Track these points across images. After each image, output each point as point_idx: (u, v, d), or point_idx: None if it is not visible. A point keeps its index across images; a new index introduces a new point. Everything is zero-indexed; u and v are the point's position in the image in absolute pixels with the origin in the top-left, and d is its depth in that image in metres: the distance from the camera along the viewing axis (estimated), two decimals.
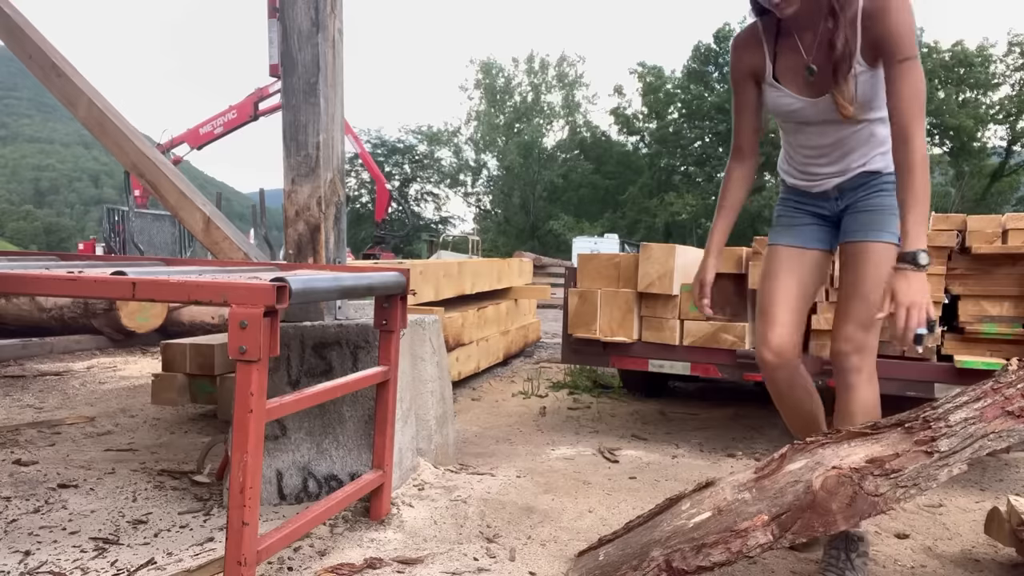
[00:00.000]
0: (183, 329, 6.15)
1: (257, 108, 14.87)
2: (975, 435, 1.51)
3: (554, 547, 2.09)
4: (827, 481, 1.53)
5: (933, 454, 1.50)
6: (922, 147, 1.71)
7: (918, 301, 1.61)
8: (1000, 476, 2.95)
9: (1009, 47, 33.68)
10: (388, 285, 2.11)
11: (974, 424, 1.52)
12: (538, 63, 45.22)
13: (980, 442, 1.50)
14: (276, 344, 1.57)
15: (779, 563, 2.02)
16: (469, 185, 46.66)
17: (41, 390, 4.41)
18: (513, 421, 3.80)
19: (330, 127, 2.51)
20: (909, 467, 1.51)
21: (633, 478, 2.77)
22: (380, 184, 21.35)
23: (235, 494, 1.55)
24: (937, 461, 1.50)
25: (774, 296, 2.06)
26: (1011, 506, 1.96)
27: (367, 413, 2.33)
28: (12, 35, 2.76)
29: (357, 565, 1.91)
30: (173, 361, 3.43)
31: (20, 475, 2.67)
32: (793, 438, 1.90)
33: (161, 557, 1.97)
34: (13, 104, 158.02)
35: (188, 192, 2.70)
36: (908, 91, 1.74)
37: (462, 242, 29.33)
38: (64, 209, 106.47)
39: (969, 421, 1.52)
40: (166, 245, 12.53)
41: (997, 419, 1.51)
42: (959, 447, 1.50)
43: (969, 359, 2.75)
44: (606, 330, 3.37)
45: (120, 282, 1.67)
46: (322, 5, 2.45)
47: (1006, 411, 1.51)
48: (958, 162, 34.68)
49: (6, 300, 6.30)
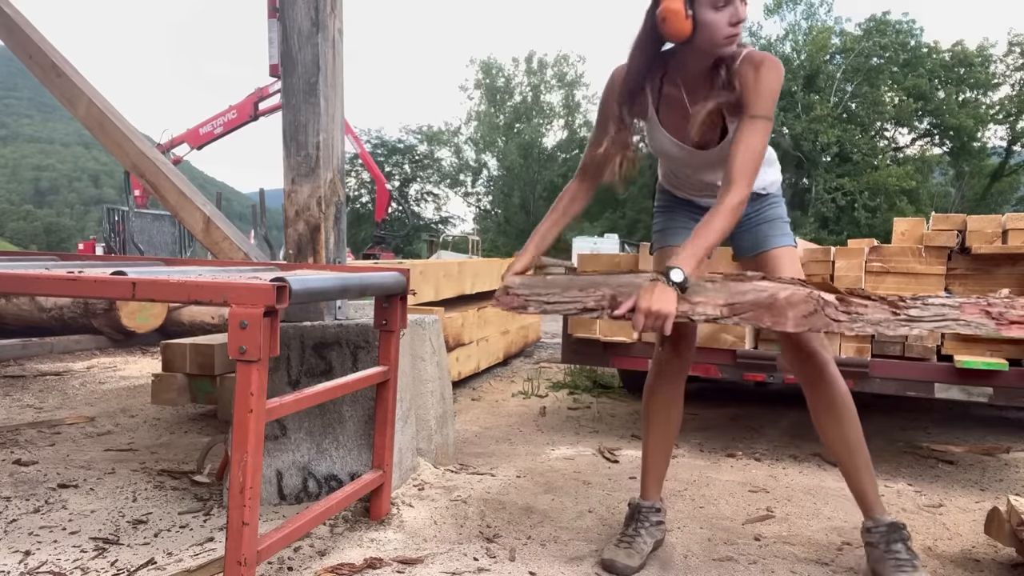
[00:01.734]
0: (183, 329, 6.15)
1: (257, 108, 14.86)
2: (946, 315, 1.61)
3: (554, 547, 2.09)
4: (794, 295, 1.66)
5: (900, 314, 1.62)
6: (739, 198, 1.75)
7: (655, 309, 1.65)
8: (1000, 476, 2.95)
9: (1009, 47, 33.69)
10: (388, 285, 2.11)
11: (949, 309, 1.62)
12: (536, 63, 45.22)
13: (947, 321, 1.61)
14: (276, 344, 1.57)
15: (779, 563, 2.02)
16: (469, 185, 46.65)
17: (41, 390, 4.41)
18: (513, 421, 3.80)
19: (330, 127, 2.51)
20: (873, 315, 1.63)
21: (633, 478, 2.77)
22: (380, 184, 21.34)
23: (235, 494, 1.55)
24: (901, 319, 1.62)
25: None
26: (1011, 506, 1.96)
27: (367, 413, 2.33)
28: (12, 35, 2.76)
29: (357, 565, 1.91)
30: (173, 361, 3.43)
31: (20, 475, 2.67)
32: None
33: (161, 557, 1.97)
34: (13, 104, 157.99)
35: (188, 192, 2.70)
36: (750, 145, 1.77)
37: (462, 242, 29.33)
38: (64, 209, 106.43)
39: (946, 307, 1.62)
40: (166, 245, 12.52)
41: (974, 314, 1.60)
42: (927, 318, 1.62)
43: (969, 359, 2.75)
44: (606, 330, 3.37)
45: (120, 282, 1.67)
46: (322, 5, 2.45)
47: (984, 311, 1.60)
48: (958, 162, 34.67)
49: (6, 300, 6.30)
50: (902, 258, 2.90)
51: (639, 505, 2.11)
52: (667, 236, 2.17)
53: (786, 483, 2.77)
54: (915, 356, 2.84)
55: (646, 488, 2.15)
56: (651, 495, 2.14)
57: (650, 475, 2.16)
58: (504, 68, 45.65)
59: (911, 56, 33.78)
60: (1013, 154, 35.28)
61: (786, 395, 4.37)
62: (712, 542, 2.16)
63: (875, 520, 1.92)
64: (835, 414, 1.91)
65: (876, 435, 3.56)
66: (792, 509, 2.47)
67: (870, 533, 1.92)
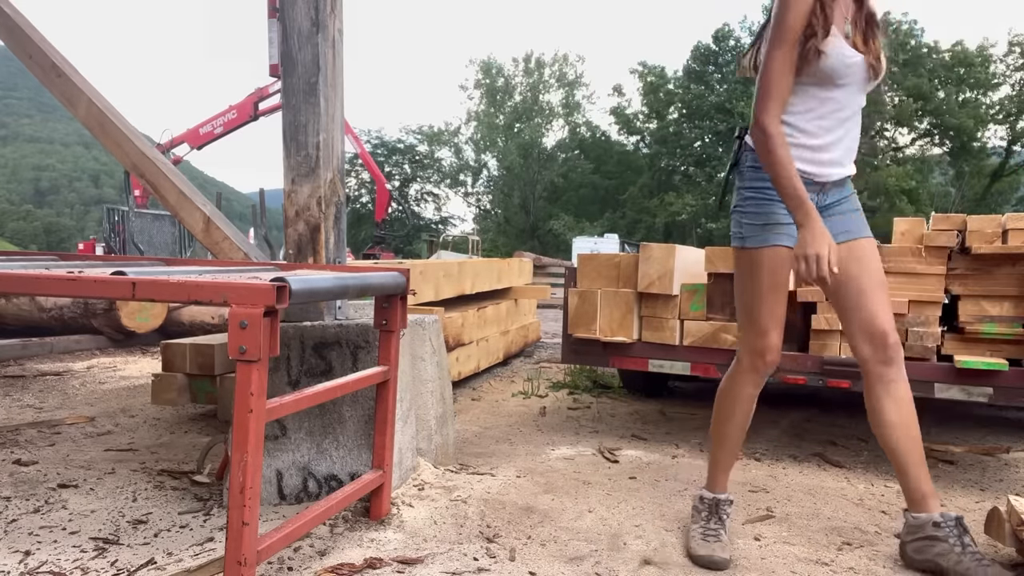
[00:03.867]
0: (183, 329, 6.15)
1: (257, 108, 14.88)
2: None
3: (554, 547, 2.09)
4: None
5: None
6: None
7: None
8: (1000, 476, 2.95)
9: (1009, 47, 33.71)
10: (388, 285, 2.11)
11: None
12: (534, 62, 45.24)
13: None
14: (276, 344, 1.57)
15: (779, 563, 2.02)
16: (469, 185, 46.69)
17: (41, 390, 4.41)
18: (513, 421, 3.80)
19: (330, 127, 2.51)
20: None
21: (633, 478, 2.77)
22: (380, 184, 21.35)
23: (235, 494, 1.55)
24: None
25: (777, 306, 2.04)
26: (1011, 506, 1.96)
27: (367, 413, 2.33)
28: (12, 35, 2.76)
29: (357, 565, 1.91)
30: (173, 361, 3.43)
31: (20, 475, 2.67)
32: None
33: (161, 557, 1.97)
34: (13, 104, 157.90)
35: (188, 192, 2.70)
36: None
37: (462, 242, 29.32)
38: (64, 209, 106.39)
39: None
40: (166, 245, 12.53)
41: None
42: None
43: (969, 359, 2.75)
44: (606, 330, 3.37)
45: (120, 282, 1.67)
46: (322, 5, 2.45)
47: None
48: (958, 162, 34.69)
49: (6, 300, 6.30)
50: (902, 258, 2.90)
51: (717, 499, 2.15)
52: (777, 234, 1.98)
53: (786, 483, 2.77)
54: (915, 356, 2.84)
55: (719, 482, 2.20)
56: (726, 487, 2.20)
57: (722, 467, 2.20)
58: (504, 68, 45.68)
59: (911, 56, 33.79)
60: (1013, 154, 35.29)
61: (786, 395, 4.37)
62: None
63: (943, 515, 1.95)
64: (911, 407, 1.97)
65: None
66: (792, 509, 2.47)
67: (939, 527, 1.93)
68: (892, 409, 1.97)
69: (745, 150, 2.04)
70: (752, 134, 1.94)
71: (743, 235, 2.03)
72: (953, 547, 1.89)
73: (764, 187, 1.97)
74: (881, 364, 1.98)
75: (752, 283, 2.03)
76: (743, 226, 2.03)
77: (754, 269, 2.02)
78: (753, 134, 1.92)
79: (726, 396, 2.18)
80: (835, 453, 3.20)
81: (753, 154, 1.98)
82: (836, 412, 4.01)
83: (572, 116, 45.79)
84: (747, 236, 2.02)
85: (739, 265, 2.08)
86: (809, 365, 2.96)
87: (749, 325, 2.06)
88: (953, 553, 1.88)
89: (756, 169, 1.98)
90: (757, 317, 2.03)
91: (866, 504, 2.55)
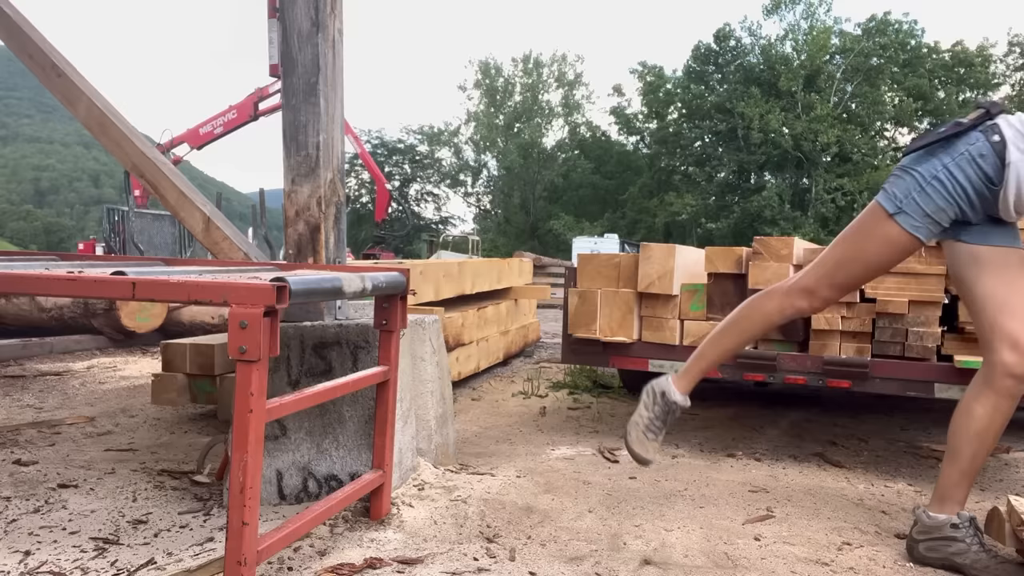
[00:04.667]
0: (183, 329, 6.15)
1: (257, 108, 14.90)
2: None
3: (554, 547, 2.09)
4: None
5: None
6: None
7: None
8: (1000, 476, 2.95)
9: (1009, 47, 33.75)
10: (388, 285, 2.11)
11: None
12: (533, 62, 45.26)
13: None
14: (276, 344, 1.57)
15: (779, 563, 2.02)
16: (469, 185, 46.73)
17: (41, 390, 4.41)
18: (513, 421, 3.80)
19: (330, 127, 2.51)
20: None
21: (633, 478, 2.77)
22: (380, 184, 21.37)
23: (235, 494, 1.55)
24: None
25: (858, 278, 2.12)
26: (1011, 506, 1.96)
27: (367, 413, 2.33)
28: (12, 35, 2.76)
29: (357, 565, 1.91)
30: (173, 361, 3.43)
31: (20, 475, 2.67)
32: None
33: (161, 557, 1.97)
34: (13, 104, 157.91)
35: (188, 192, 2.70)
36: None
37: (462, 242, 29.33)
38: (64, 209, 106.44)
39: None
40: (166, 245, 12.54)
41: None
42: None
43: (969, 359, 2.74)
44: (606, 330, 3.37)
45: (120, 282, 1.67)
46: (322, 5, 2.45)
47: None
48: None
49: (6, 300, 6.30)
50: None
51: (676, 404, 2.29)
52: (927, 228, 1.94)
53: (786, 483, 2.77)
54: (915, 356, 2.84)
55: (683, 385, 2.28)
56: (688, 391, 2.30)
57: (698, 369, 2.29)
58: (503, 68, 45.71)
59: (911, 56, 33.83)
60: None
61: (786, 395, 4.37)
62: (712, 542, 2.16)
63: (960, 515, 1.97)
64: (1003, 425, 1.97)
65: (876, 435, 3.56)
66: (792, 509, 2.47)
67: (956, 528, 1.94)
68: (987, 416, 1.95)
69: (984, 134, 1.86)
70: None
71: (901, 207, 1.93)
72: (971, 546, 1.90)
73: (966, 187, 1.88)
74: (1010, 377, 1.92)
75: (865, 245, 2.02)
76: (908, 198, 1.92)
77: (880, 239, 1.98)
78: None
79: (749, 306, 2.18)
80: (835, 453, 3.20)
81: (988, 146, 1.83)
82: (836, 412, 4.01)
83: (572, 116, 45.82)
84: (904, 210, 1.93)
85: (869, 221, 2.01)
86: (809, 365, 2.96)
87: (823, 273, 2.08)
88: (971, 551, 1.88)
89: (978, 167, 1.85)
90: (836, 272, 2.07)
91: (866, 504, 2.55)
